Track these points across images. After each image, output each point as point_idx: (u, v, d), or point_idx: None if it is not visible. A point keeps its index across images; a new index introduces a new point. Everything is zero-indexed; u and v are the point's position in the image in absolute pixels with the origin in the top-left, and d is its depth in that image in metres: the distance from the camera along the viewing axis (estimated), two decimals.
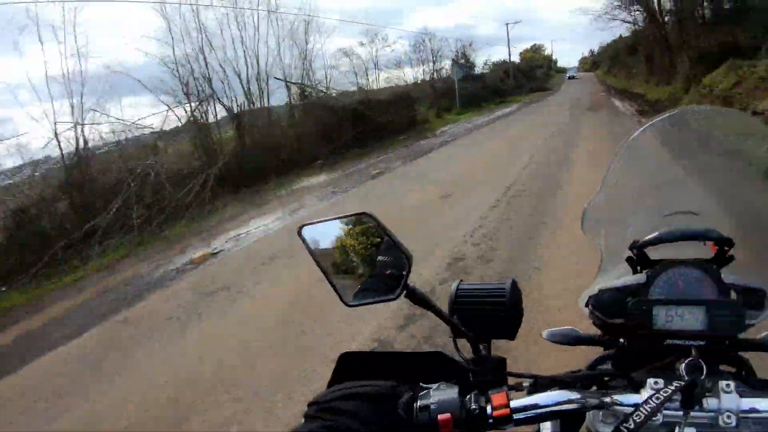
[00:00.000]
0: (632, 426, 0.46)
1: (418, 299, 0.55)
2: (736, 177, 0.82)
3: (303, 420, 0.49)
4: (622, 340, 0.67)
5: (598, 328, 0.72)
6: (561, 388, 0.54)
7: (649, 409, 0.47)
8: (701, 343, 0.60)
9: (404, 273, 0.54)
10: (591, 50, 75.64)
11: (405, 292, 0.53)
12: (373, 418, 0.48)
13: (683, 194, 0.82)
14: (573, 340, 0.72)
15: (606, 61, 47.08)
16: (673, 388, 0.49)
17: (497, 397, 0.52)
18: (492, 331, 0.60)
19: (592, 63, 69.78)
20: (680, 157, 0.84)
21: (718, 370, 0.59)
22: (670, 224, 0.72)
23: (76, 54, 8.30)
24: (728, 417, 0.49)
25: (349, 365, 0.58)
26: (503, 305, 0.60)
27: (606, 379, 0.59)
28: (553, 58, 71.13)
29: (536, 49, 66.84)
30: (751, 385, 0.58)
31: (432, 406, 0.50)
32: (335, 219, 0.58)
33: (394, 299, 0.54)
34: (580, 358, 0.74)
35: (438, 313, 0.56)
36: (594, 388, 0.57)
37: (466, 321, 0.59)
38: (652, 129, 0.84)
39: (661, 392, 0.49)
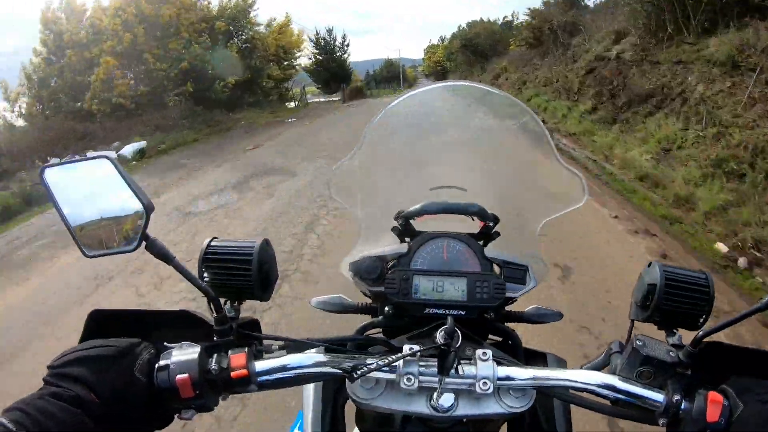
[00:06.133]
0: (354, 377, 0.49)
1: (158, 252, 0.50)
2: (501, 156, 0.81)
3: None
4: (387, 308, 0.66)
5: (364, 296, 0.71)
6: (321, 352, 0.54)
7: (374, 365, 0.49)
8: (461, 312, 0.62)
9: (141, 223, 0.49)
10: (441, 37, 44.58)
11: (145, 244, 0.49)
12: (105, 383, 0.46)
13: (452, 170, 0.81)
14: (340, 308, 0.72)
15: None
16: (411, 351, 0.51)
17: (236, 358, 0.51)
18: (241, 291, 0.57)
19: (435, 65, 39.46)
20: (446, 131, 0.82)
21: (480, 339, 0.60)
22: (436, 198, 0.73)
23: None
24: (484, 384, 0.51)
25: (100, 323, 0.56)
26: (250, 264, 0.57)
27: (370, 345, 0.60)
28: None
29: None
30: (514, 354, 0.63)
31: (171, 366, 0.49)
32: (76, 162, 0.51)
33: (131, 251, 0.50)
34: None
35: (177, 266, 0.51)
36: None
37: (216, 279, 0.57)
38: (413, 100, 0.79)
39: (401, 354, 0.50)
